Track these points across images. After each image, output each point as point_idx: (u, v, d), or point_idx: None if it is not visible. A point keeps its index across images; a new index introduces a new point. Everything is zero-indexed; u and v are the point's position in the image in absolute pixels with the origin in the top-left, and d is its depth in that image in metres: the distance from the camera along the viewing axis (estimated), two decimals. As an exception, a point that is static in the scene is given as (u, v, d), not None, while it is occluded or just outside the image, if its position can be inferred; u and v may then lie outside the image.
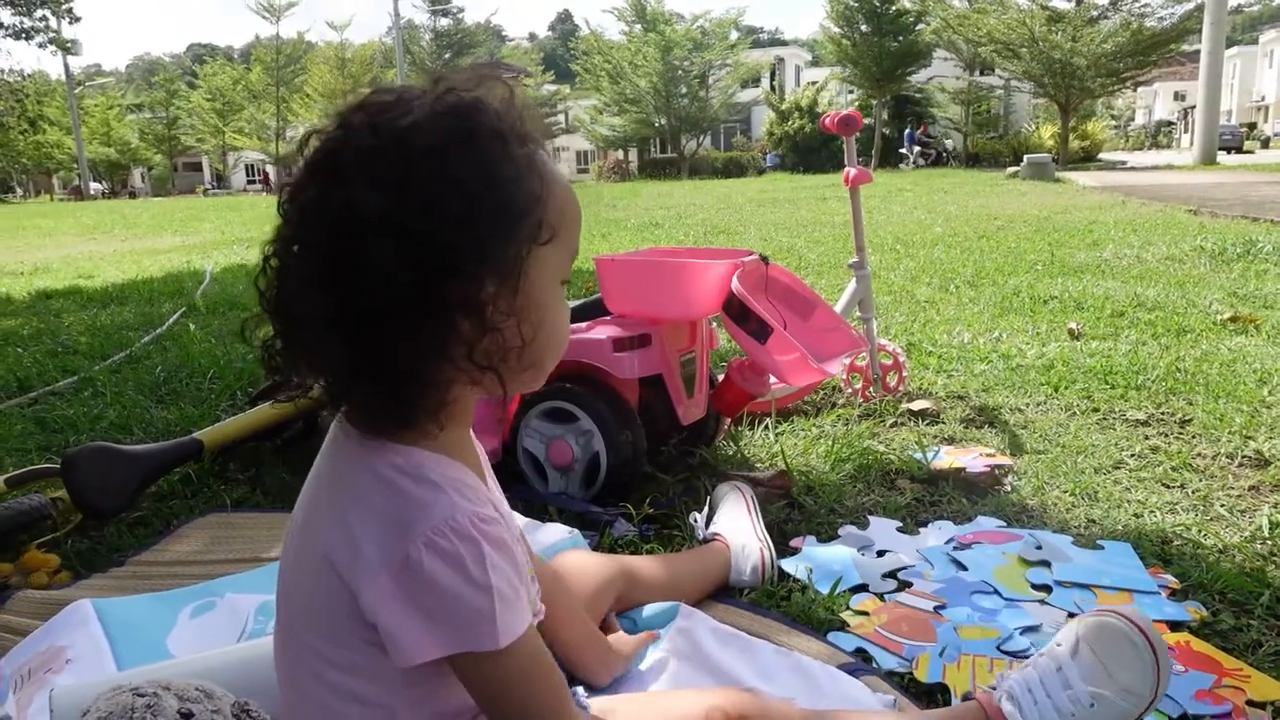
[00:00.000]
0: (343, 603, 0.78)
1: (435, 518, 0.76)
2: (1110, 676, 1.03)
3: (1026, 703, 1.05)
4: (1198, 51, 18.74)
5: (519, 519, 1.55)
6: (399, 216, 0.71)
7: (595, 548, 1.60)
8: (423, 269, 0.72)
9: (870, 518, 1.74)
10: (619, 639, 1.25)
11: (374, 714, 0.82)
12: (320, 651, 0.82)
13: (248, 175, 53.09)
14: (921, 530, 1.70)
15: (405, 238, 0.71)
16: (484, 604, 0.76)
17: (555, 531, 1.58)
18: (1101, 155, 26.72)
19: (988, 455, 2.04)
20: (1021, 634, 1.32)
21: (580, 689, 1.08)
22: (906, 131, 28.69)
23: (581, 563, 1.34)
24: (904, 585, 1.49)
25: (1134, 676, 1.02)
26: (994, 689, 1.10)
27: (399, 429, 0.80)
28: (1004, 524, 1.71)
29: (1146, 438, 2.14)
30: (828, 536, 1.68)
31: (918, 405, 2.42)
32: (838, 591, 1.45)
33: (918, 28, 27.19)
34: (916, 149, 27.20)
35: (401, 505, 0.77)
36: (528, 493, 1.85)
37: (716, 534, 1.56)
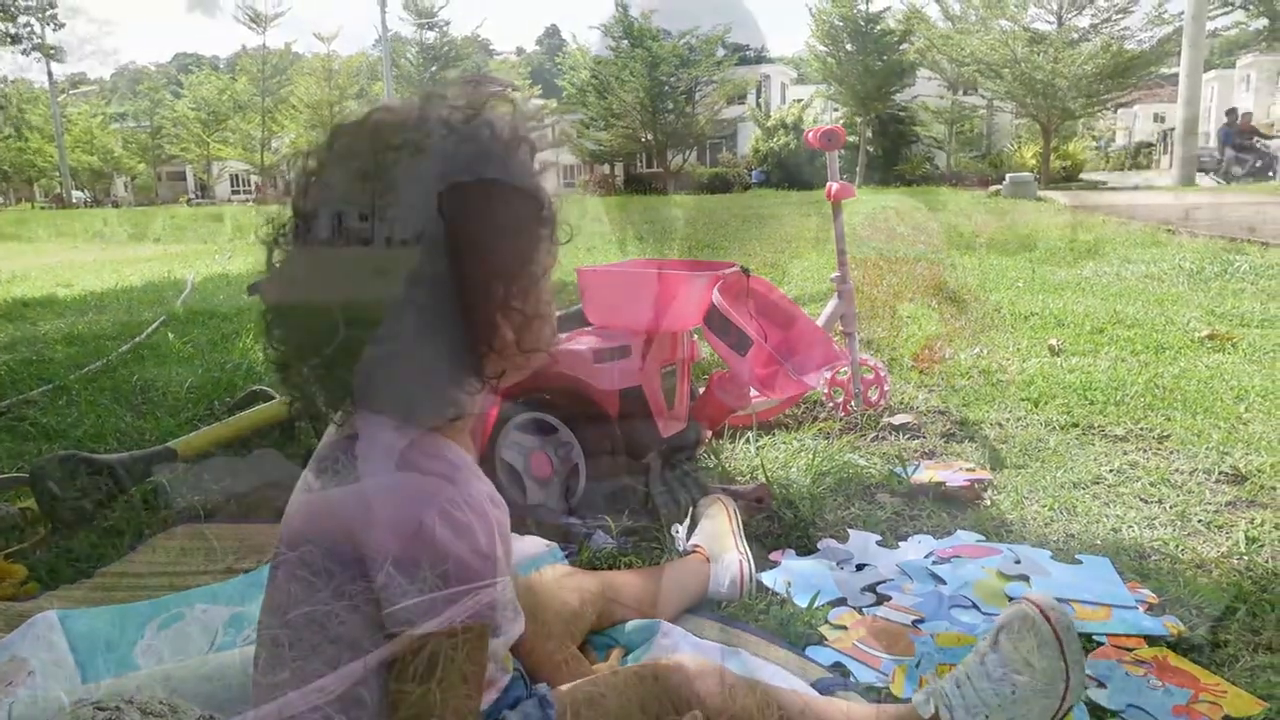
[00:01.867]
0: (347, 570, 0.81)
1: (452, 491, 0.81)
2: (1029, 665, 1.01)
3: (955, 698, 1.03)
4: (1176, 74, 18.99)
5: None
6: (472, 229, 0.78)
7: (573, 561, 1.58)
8: (487, 274, 0.80)
9: (850, 531, 1.74)
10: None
11: (338, 702, 0.82)
12: (316, 617, 0.83)
13: (232, 185, 52.84)
14: (901, 544, 1.69)
15: (474, 249, 0.79)
16: (487, 573, 0.81)
17: (533, 544, 1.57)
18: (1083, 175, 26.90)
19: (967, 470, 2.04)
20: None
21: (543, 685, 1.04)
22: (1220, 130, 17.45)
23: (563, 580, 1.33)
24: (883, 599, 1.48)
25: (1047, 664, 1.00)
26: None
27: (440, 419, 0.84)
28: (983, 538, 1.71)
29: (1125, 453, 2.15)
30: (807, 550, 1.67)
31: (898, 420, 2.42)
32: (816, 605, 1.44)
33: (902, 47, 27.42)
34: (1230, 153, 16.24)
35: (421, 479, 0.82)
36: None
37: (696, 546, 1.56)
